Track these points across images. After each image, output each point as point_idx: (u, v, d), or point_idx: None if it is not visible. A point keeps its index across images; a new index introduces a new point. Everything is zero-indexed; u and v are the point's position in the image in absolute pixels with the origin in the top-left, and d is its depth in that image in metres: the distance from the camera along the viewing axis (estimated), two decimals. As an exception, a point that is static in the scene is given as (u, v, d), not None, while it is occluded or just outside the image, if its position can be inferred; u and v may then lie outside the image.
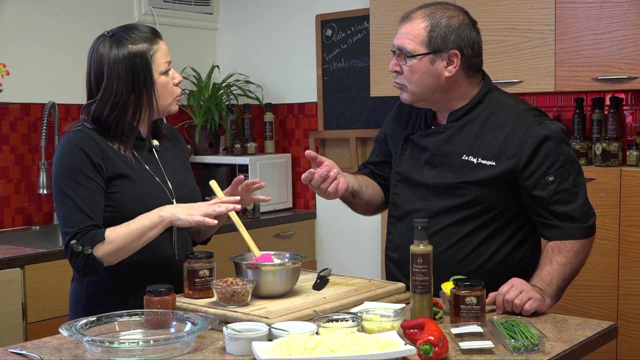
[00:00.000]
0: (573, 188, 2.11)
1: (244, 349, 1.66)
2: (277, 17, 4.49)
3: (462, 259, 2.15)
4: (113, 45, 2.10)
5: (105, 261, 2.02)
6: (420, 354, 1.60)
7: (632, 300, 3.02)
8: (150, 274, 2.11)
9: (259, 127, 4.56)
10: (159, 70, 2.13)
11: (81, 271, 2.04)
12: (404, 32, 2.14)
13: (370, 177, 2.43)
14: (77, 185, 2.03)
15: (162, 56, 2.14)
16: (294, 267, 2.03)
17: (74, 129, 2.12)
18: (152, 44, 2.13)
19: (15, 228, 3.64)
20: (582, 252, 2.11)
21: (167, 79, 2.15)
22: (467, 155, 2.14)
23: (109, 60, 2.09)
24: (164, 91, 2.15)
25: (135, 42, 2.10)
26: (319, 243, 4.38)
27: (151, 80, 2.11)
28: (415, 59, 2.11)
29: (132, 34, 2.12)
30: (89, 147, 2.06)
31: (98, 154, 2.07)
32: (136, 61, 2.09)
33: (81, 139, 2.07)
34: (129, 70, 2.09)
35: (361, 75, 4.13)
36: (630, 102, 3.37)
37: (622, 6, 3.02)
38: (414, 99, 2.17)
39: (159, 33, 2.19)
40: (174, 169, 2.24)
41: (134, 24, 2.18)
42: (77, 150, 2.06)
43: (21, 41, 3.70)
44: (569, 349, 1.72)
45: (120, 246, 2.01)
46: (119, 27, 2.16)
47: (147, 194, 2.11)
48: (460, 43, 2.11)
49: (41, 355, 1.69)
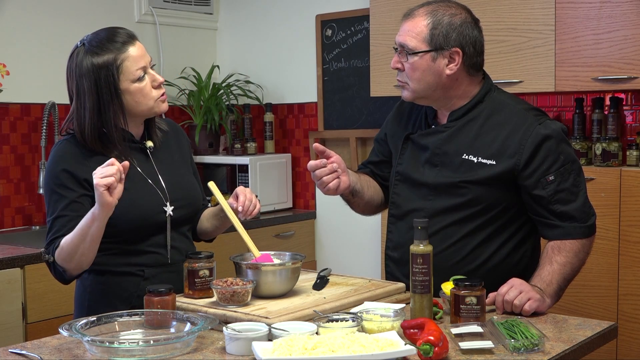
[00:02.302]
0: (573, 188, 2.11)
1: (244, 349, 1.66)
2: (277, 17, 4.49)
3: (462, 258, 2.15)
4: (83, 57, 2.06)
5: (66, 268, 2.02)
6: (420, 354, 1.60)
7: (632, 300, 3.02)
8: (150, 274, 2.11)
9: (259, 127, 4.56)
10: (129, 79, 2.06)
11: (59, 280, 2.08)
12: (406, 29, 2.14)
13: (371, 177, 2.43)
14: (57, 196, 2.06)
15: (132, 63, 2.06)
16: (294, 267, 2.03)
17: (63, 139, 2.13)
18: (120, 52, 2.05)
19: (15, 228, 3.64)
20: (582, 252, 2.11)
21: (142, 85, 2.08)
22: (468, 154, 2.14)
23: (78, 72, 2.07)
24: (140, 97, 2.09)
25: (100, 53, 2.04)
26: (319, 243, 4.38)
27: (116, 93, 2.05)
28: (417, 56, 2.11)
29: (100, 44, 2.05)
30: (72, 160, 2.07)
31: (81, 167, 2.06)
32: (100, 74, 2.04)
33: (65, 152, 2.09)
34: (92, 83, 2.04)
35: (361, 75, 4.13)
36: (630, 102, 3.37)
37: (622, 6, 3.02)
38: (415, 96, 2.17)
39: (132, 36, 2.10)
40: (171, 170, 2.22)
41: (108, 29, 2.10)
42: (61, 164, 2.07)
43: (21, 41, 3.70)
44: (569, 349, 1.72)
45: (70, 250, 1.99)
46: (93, 34, 2.10)
47: (140, 197, 2.10)
48: (461, 41, 2.11)
49: (41, 355, 1.69)
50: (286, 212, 4.32)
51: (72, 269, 2.02)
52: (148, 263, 2.12)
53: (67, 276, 2.05)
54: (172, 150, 2.27)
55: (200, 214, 2.34)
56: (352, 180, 2.25)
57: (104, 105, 2.06)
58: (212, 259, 2.06)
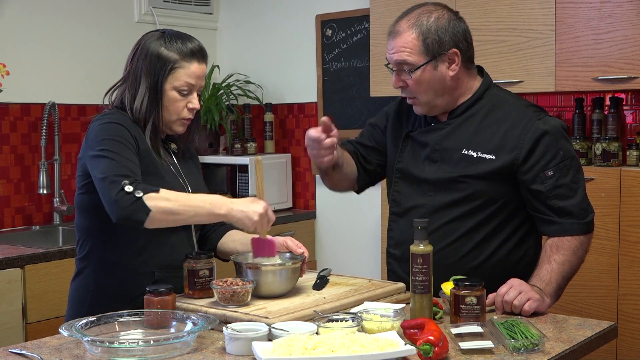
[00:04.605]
0: (572, 184, 2.12)
1: (244, 349, 1.66)
2: (277, 17, 4.49)
3: (465, 254, 2.15)
4: (154, 41, 2.11)
5: (153, 212, 1.90)
6: (420, 354, 1.60)
7: (632, 300, 3.02)
8: (161, 275, 2.09)
9: (259, 127, 4.56)
10: (173, 84, 2.10)
11: (122, 211, 1.90)
12: (398, 47, 2.12)
13: (352, 156, 2.40)
14: (123, 147, 2.00)
15: (184, 75, 2.09)
16: (294, 267, 2.03)
17: (113, 110, 2.11)
18: (184, 60, 2.10)
19: (15, 228, 3.64)
20: (580, 250, 2.11)
21: (179, 97, 2.11)
22: (467, 149, 2.15)
23: (142, 49, 2.11)
24: (171, 106, 2.11)
25: (169, 48, 2.10)
26: (319, 243, 4.38)
27: (158, 88, 2.09)
28: (419, 70, 2.11)
29: (174, 41, 2.11)
30: (130, 126, 2.06)
31: (136, 137, 2.06)
32: (157, 64, 2.09)
33: (121, 118, 2.07)
34: (149, 66, 2.09)
35: (361, 75, 4.13)
36: (630, 102, 3.37)
37: (622, 6, 3.02)
38: (428, 108, 2.18)
39: (204, 56, 2.14)
40: (190, 173, 2.24)
41: (191, 37, 2.16)
42: (121, 122, 2.05)
43: (21, 41, 3.70)
44: (569, 349, 1.72)
45: (175, 208, 1.93)
46: (175, 31, 2.16)
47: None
48: (455, 40, 2.12)
49: (41, 355, 1.69)
50: (286, 212, 4.32)
51: (159, 218, 1.92)
52: (163, 263, 2.11)
53: (142, 216, 1.90)
54: (188, 161, 2.28)
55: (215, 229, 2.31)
56: (337, 153, 2.22)
57: (147, 89, 2.09)
58: (212, 259, 2.06)
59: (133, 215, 1.90)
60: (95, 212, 2.07)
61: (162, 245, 2.10)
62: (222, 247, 2.28)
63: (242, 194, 4.12)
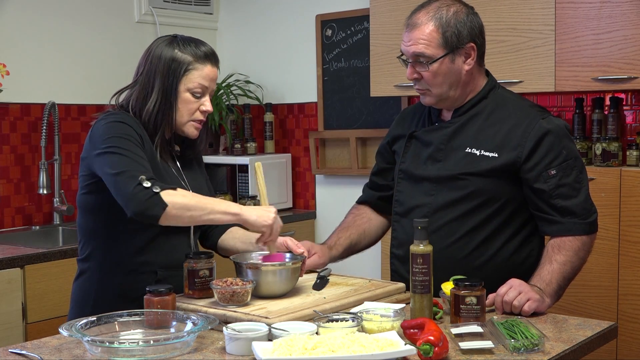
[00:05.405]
0: (575, 184, 2.11)
1: (244, 349, 1.66)
2: (277, 17, 4.49)
3: (468, 253, 2.14)
4: (166, 45, 2.12)
5: (169, 208, 1.90)
6: (420, 354, 1.60)
7: (632, 300, 3.02)
8: (163, 273, 2.10)
9: (259, 127, 4.56)
10: (187, 86, 2.11)
11: (139, 205, 1.89)
12: (416, 39, 2.12)
13: (370, 208, 2.44)
14: (132, 145, 2.01)
15: (198, 77, 2.11)
16: (294, 267, 2.03)
17: (117, 111, 2.12)
18: (198, 62, 2.11)
19: (15, 228, 3.64)
20: (582, 250, 2.10)
21: (192, 99, 2.12)
22: (471, 147, 2.15)
23: (154, 54, 2.12)
24: (184, 108, 2.12)
25: (183, 51, 2.11)
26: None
27: (173, 89, 2.10)
28: (437, 63, 2.11)
29: (187, 44, 2.12)
30: (134, 126, 2.06)
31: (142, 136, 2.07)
32: (172, 65, 2.10)
33: (128, 119, 2.08)
34: (163, 69, 2.10)
35: (361, 75, 4.13)
36: (630, 102, 3.37)
37: (622, 6, 3.02)
38: (438, 100, 2.18)
39: (216, 59, 2.17)
40: (193, 175, 2.24)
41: (203, 41, 2.18)
42: (125, 125, 2.05)
43: (21, 41, 3.69)
44: (569, 349, 1.72)
45: (191, 204, 1.94)
46: (187, 36, 2.18)
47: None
48: (472, 34, 2.13)
49: (41, 355, 1.69)
50: (286, 212, 4.31)
51: (174, 214, 1.92)
52: (163, 263, 2.11)
53: (159, 210, 1.90)
54: (193, 165, 2.28)
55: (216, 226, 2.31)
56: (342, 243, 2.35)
57: (162, 90, 2.10)
58: (212, 259, 2.06)
59: (149, 210, 1.90)
60: (98, 212, 2.08)
61: (163, 246, 2.10)
62: (222, 244, 2.29)
63: (242, 194, 4.12)
